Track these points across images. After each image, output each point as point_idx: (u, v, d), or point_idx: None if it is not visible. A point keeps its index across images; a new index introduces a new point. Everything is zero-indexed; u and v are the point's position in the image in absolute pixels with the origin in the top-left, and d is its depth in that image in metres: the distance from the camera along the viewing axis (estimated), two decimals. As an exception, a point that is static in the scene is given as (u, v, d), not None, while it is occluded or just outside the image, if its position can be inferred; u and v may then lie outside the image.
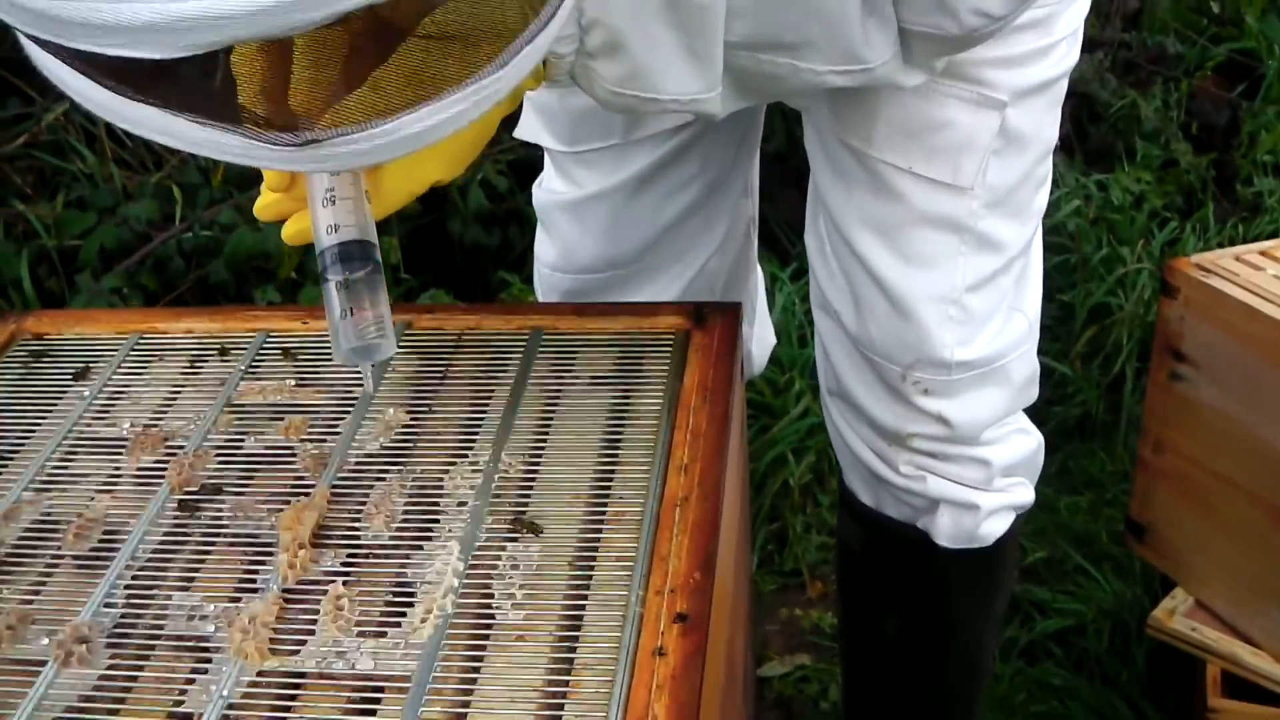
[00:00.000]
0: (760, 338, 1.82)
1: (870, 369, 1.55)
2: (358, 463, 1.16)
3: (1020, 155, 1.46)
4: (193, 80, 0.77)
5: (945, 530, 1.62)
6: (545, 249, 1.72)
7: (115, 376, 1.31)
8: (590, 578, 1.02)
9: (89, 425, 1.25)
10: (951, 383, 1.52)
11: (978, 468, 1.59)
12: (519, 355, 1.28)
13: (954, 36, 1.24)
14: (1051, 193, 2.91)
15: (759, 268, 1.82)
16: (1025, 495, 1.67)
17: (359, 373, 1.26)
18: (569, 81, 1.21)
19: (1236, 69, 3.55)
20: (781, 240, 2.91)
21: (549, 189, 1.68)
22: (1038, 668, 2.25)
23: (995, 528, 1.64)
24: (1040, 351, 2.58)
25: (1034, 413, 1.66)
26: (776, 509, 2.52)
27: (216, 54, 0.75)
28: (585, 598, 1.01)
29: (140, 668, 0.99)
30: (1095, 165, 3.29)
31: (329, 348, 1.29)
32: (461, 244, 2.84)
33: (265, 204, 1.21)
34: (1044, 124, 1.48)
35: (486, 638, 0.98)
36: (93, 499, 1.16)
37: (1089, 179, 3.16)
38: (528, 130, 1.64)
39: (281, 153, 0.79)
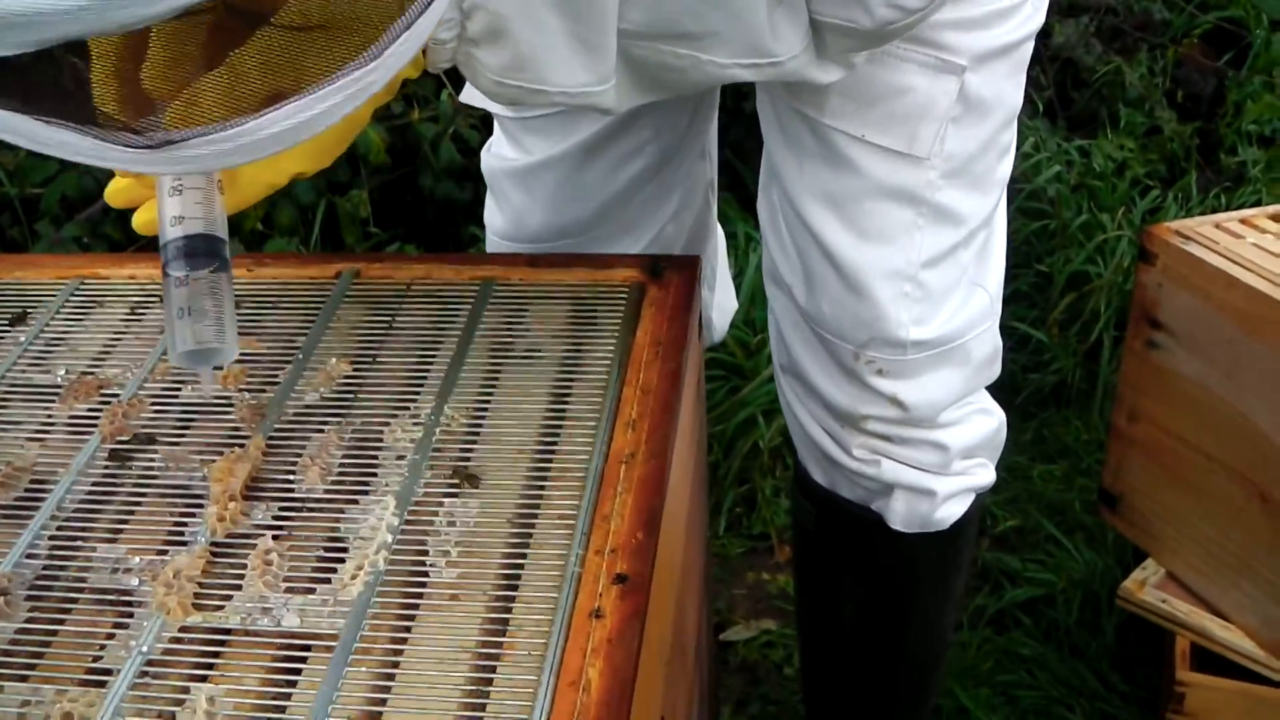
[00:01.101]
0: (720, 304, 1.77)
1: (823, 347, 1.50)
2: (296, 414, 1.13)
3: (981, 123, 1.39)
4: (35, 76, 0.71)
5: (899, 514, 1.58)
6: (494, 217, 1.67)
7: (53, 322, 1.27)
8: (530, 536, 0.99)
9: (23, 372, 1.21)
10: (907, 363, 1.46)
11: (934, 451, 1.54)
12: (469, 306, 1.24)
13: (866, 30, 1.18)
14: (1031, 157, 2.90)
15: (720, 231, 1.76)
16: (985, 476, 1.62)
17: (305, 322, 1.22)
18: (448, 68, 1.15)
19: (1223, 37, 3.51)
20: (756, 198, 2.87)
21: (497, 154, 1.62)
22: (1006, 637, 2.23)
23: (952, 511, 1.59)
24: (1017, 318, 2.56)
25: (1008, 379, 1.62)
26: (746, 471, 2.49)
27: (54, 50, 0.70)
28: (524, 556, 0.97)
29: (60, 621, 0.95)
30: (1078, 131, 3.26)
31: (274, 295, 1.26)
32: (433, 198, 2.79)
33: (116, 189, 1.16)
34: (1006, 89, 1.41)
35: (419, 596, 0.94)
36: (22, 447, 1.12)
37: (1071, 145, 3.12)
38: (473, 94, 1.57)
39: (135, 155, 0.73)
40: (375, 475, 1.05)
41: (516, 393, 1.13)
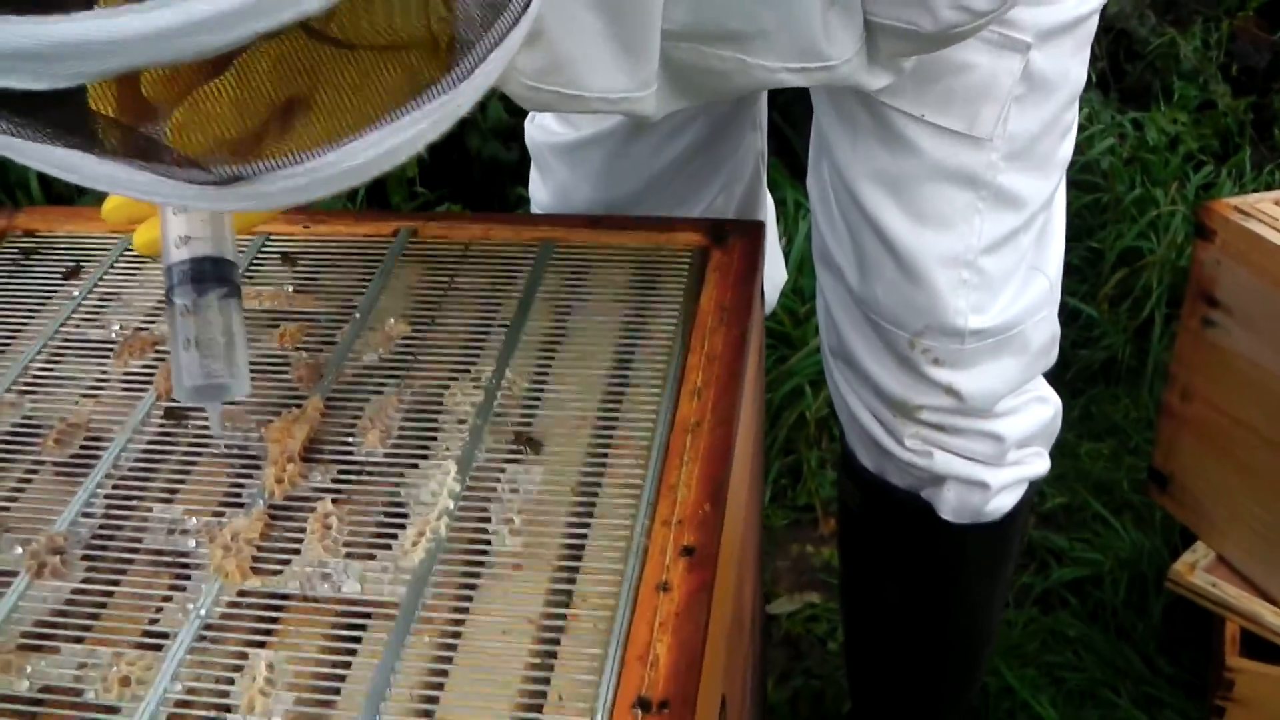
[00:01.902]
0: (770, 276, 1.69)
1: (876, 333, 1.45)
2: (354, 375, 1.10)
3: (1045, 102, 1.33)
4: (82, 105, 0.65)
5: (950, 505, 1.54)
6: (539, 190, 1.63)
7: (107, 277, 1.25)
8: (594, 505, 0.97)
9: (77, 327, 1.19)
10: (964, 352, 1.42)
11: (990, 442, 1.50)
12: (528, 268, 1.21)
13: (927, 33, 1.10)
14: (1085, 130, 2.86)
15: (770, 202, 1.73)
16: (1040, 466, 1.58)
17: (362, 281, 1.20)
18: None
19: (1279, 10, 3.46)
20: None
21: (542, 126, 1.57)
22: (1052, 616, 2.21)
23: (1004, 502, 1.56)
24: (1067, 293, 2.52)
25: (1058, 356, 1.58)
26: (792, 442, 2.47)
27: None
28: (588, 526, 0.95)
29: (116, 583, 0.93)
30: (1131, 104, 3.22)
31: (330, 253, 1.24)
32: (479, 158, 2.77)
33: (114, 205, 1.09)
34: (1071, 67, 1.35)
35: (481, 564, 0.92)
36: (77, 403, 1.10)
37: (1124, 117, 3.08)
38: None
39: (200, 191, 0.66)
40: (435, 439, 1.03)
41: (578, 357, 1.11)
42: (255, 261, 1.24)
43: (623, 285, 1.19)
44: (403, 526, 0.95)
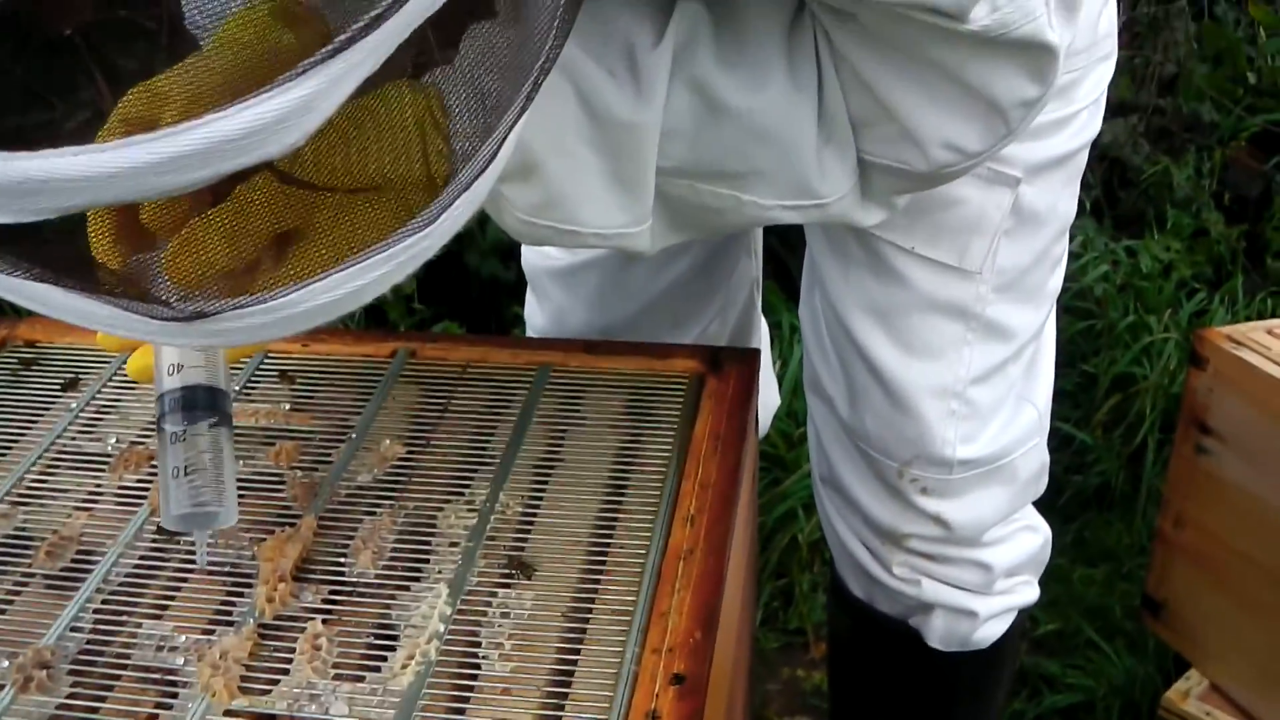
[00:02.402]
0: (764, 401, 1.69)
1: (865, 462, 1.46)
2: (348, 494, 1.11)
3: (1034, 235, 1.35)
4: (50, 239, 0.65)
5: (939, 633, 1.54)
6: (534, 314, 1.64)
7: (105, 390, 1.25)
8: (584, 631, 0.97)
9: (73, 439, 1.20)
10: (952, 482, 1.43)
11: (978, 571, 1.51)
12: (524, 391, 1.22)
13: (920, 172, 1.09)
14: (1078, 257, 2.88)
15: (764, 327, 1.74)
16: (1029, 594, 1.58)
17: (359, 401, 1.21)
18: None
19: (1271, 140, 3.49)
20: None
21: (539, 250, 1.59)
22: (1044, 744, 2.19)
23: (992, 631, 1.56)
24: (1061, 418, 2.53)
25: (1050, 480, 1.59)
26: (784, 565, 2.46)
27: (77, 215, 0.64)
28: (578, 652, 0.95)
29: (102, 698, 0.93)
30: (1124, 231, 3.24)
31: (328, 372, 1.25)
32: (478, 276, 2.79)
33: None
34: (1061, 199, 1.37)
35: (470, 689, 0.92)
36: (70, 516, 1.11)
37: (1118, 245, 3.11)
38: None
39: (162, 326, 0.66)
40: (428, 561, 1.03)
41: (572, 482, 1.12)
42: (253, 379, 1.25)
43: (618, 410, 1.20)
44: (393, 649, 0.95)
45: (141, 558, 1.06)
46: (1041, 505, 1.59)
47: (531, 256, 1.61)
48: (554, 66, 1.00)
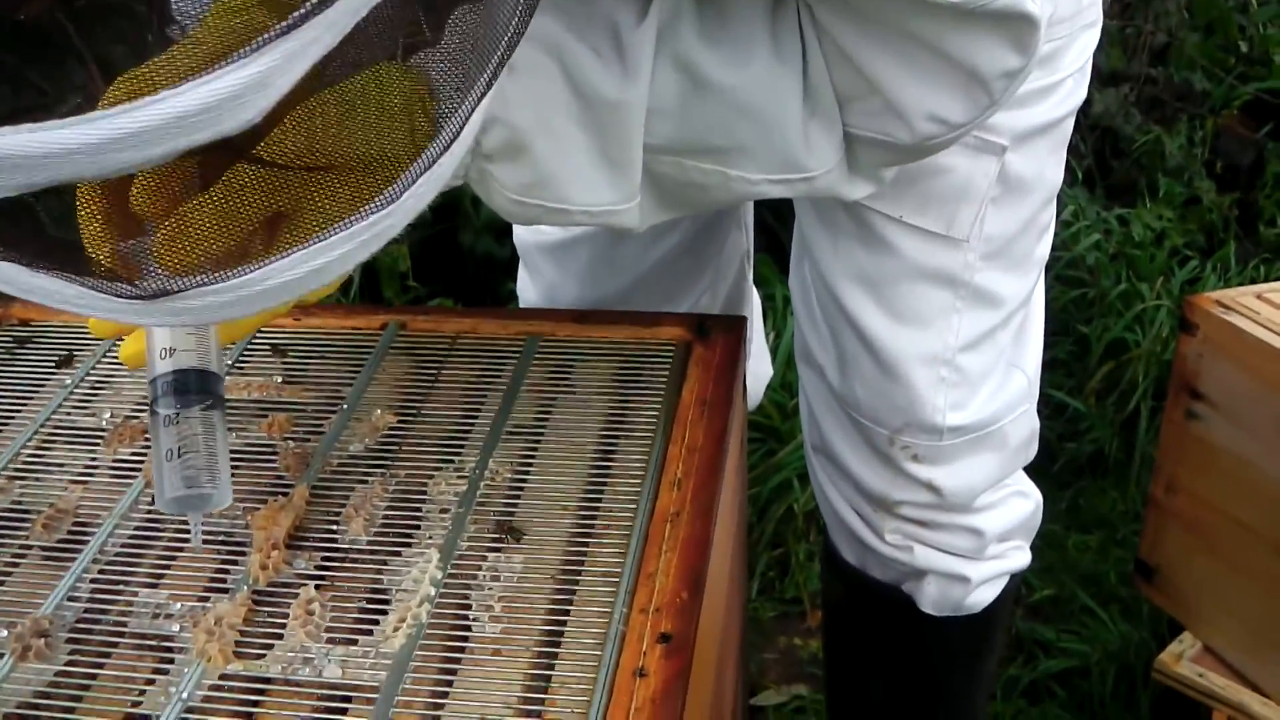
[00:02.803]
0: (755, 371, 1.72)
1: (856, 430, 1.47)
2: (340, 464, 1.12)
3: (1021, 202, 1.36)
4: (15, 218, 0.65)
5: (931, 598, 1.56)
6: (526, 289, 1.66)
7: (99, 366, 1.27)
8: (573, 593, 0.98)
9: (68, 414, 1.21)
10: (943, 448, 1.44)
11: (969, 537, 1.52)
12: (514, 361, 1.23)
13: (904, 145, 1.09)
14: (1071, 226, 2.89)
15: (756, 298, 1.75)
16: (1020, 559, 1.60)
17: (351, 372, 1.22)
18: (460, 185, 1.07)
19: (1263, 108, 3.50)
20: (795, 262, 2.88)
21: (532, 228, 1.60)
22: (1039, 708, 2.20)
23: (985, 595, 1.57)
24: (1054, 386, 2.54)
25: (1044, 448, 1.60)
26: (779, 535, 2.47)
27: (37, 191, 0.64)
28: (567, 613, 0.96)
29: (100, 665, 0.95)
30: (1117, 200, 3.25)
31: (319, 345, 1.26)
32: (473, 254, 2.80)
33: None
34: (1047, 167, 1.38)
35: (461, 650, 0.94)
36: (66, 489, 1.12)
37: (1110, 214, 3.12)
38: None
39: (126, 305, 0.66)
40: (419, 528, 1.05)
41: (561, 448, 1.13)
42: (246, 352, 1.27)
43: (606, 378, 1.21)
44: (384, 613, 0.97)
45: (137, 529, 1.07)
46: (1035, 472, 1.60)
47: (523, 232, 1.62)
48: (536, 45, 1.01)
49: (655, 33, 1.02)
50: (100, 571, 1.03)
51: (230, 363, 1.25)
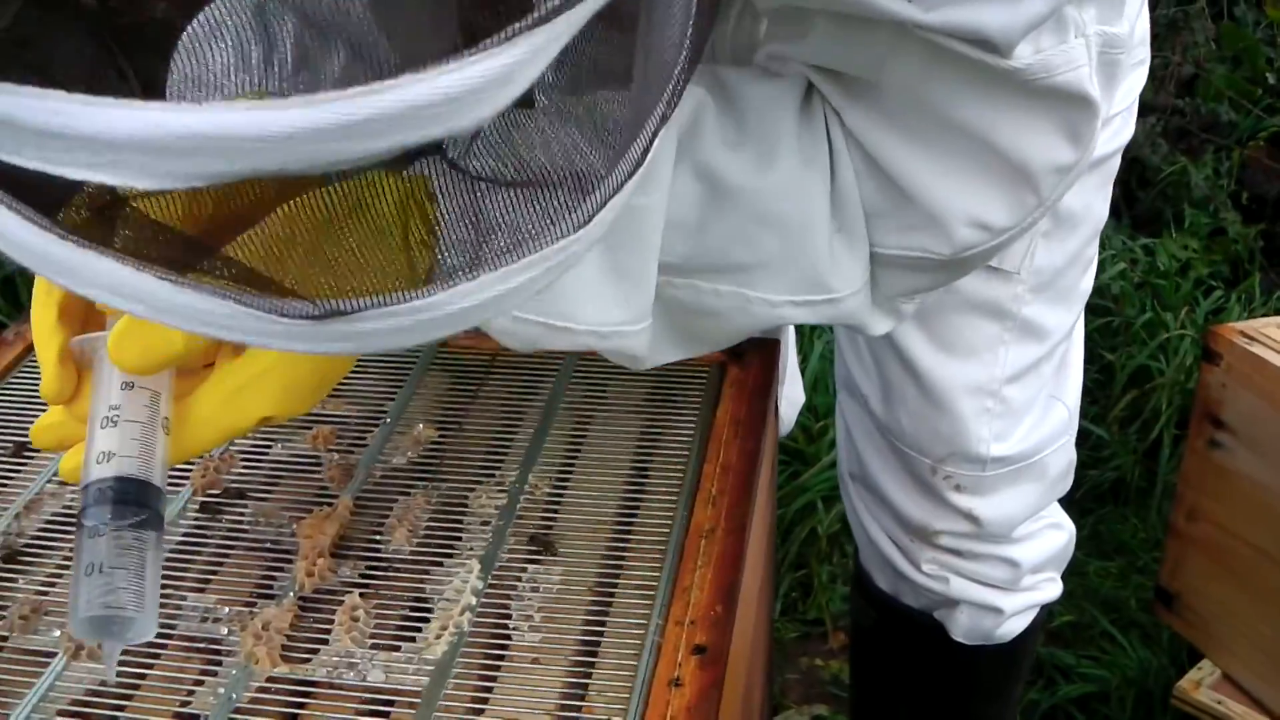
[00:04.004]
0: (789, 397, 1.74)
1: (898, 459, 1.49)
2: (383, 476, 1.15)
3: (1069, 236, 1.37)
4: (156, 220, 0.58)
5: (963, 627, 1.57)
6: None
7: (147, 377, 1.30)
8: (610, 604, 1.01)
9: (117, 423, 1.24)
10: (985, 479, 1.46)
11: (1005, 568, 1.54)
12: (552, 380, 1.26)
13: (940, 259, 1.01)
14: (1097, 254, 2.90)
15: (790, 325, 1.76)
16: (1053, 590, 1.62)
17: (393, 387, 1.25)
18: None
19: (1290, 141, 3.53)
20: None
21: None
22: (1059, 732, 2.23)
23: (1015, 626, 1.59)
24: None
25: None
26: (803, 557, 2.50)
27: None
28: (604, 624, 0.99)
29: (150, 666, 0.97)
30: (1142, 230, 3.27)
31: (361, 360, 1.29)
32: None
33: (43, 427, 0.92)
34: (1095, 202, 1.39)
35: (501, 658, 0.96)
36: (116, 496, 1.15)
37: (1136, 243, 3.14)
38: None
39: (290, 326, 0.58)
40: (460, 539, 1.07)
41: (598, 465, 1.16)
42: (290, 365, 1.29)
43: (642, 398, 1.24)
44: (427, 620, 0.99)
45: (185, 534, 1.10)
46: (1059, 499, 1.62)
47: None
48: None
49: (675, 139, 0.95)
50: (150, 576, 1.06)
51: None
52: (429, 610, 1.00)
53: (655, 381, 1.26)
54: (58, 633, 1.00)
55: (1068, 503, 1.61)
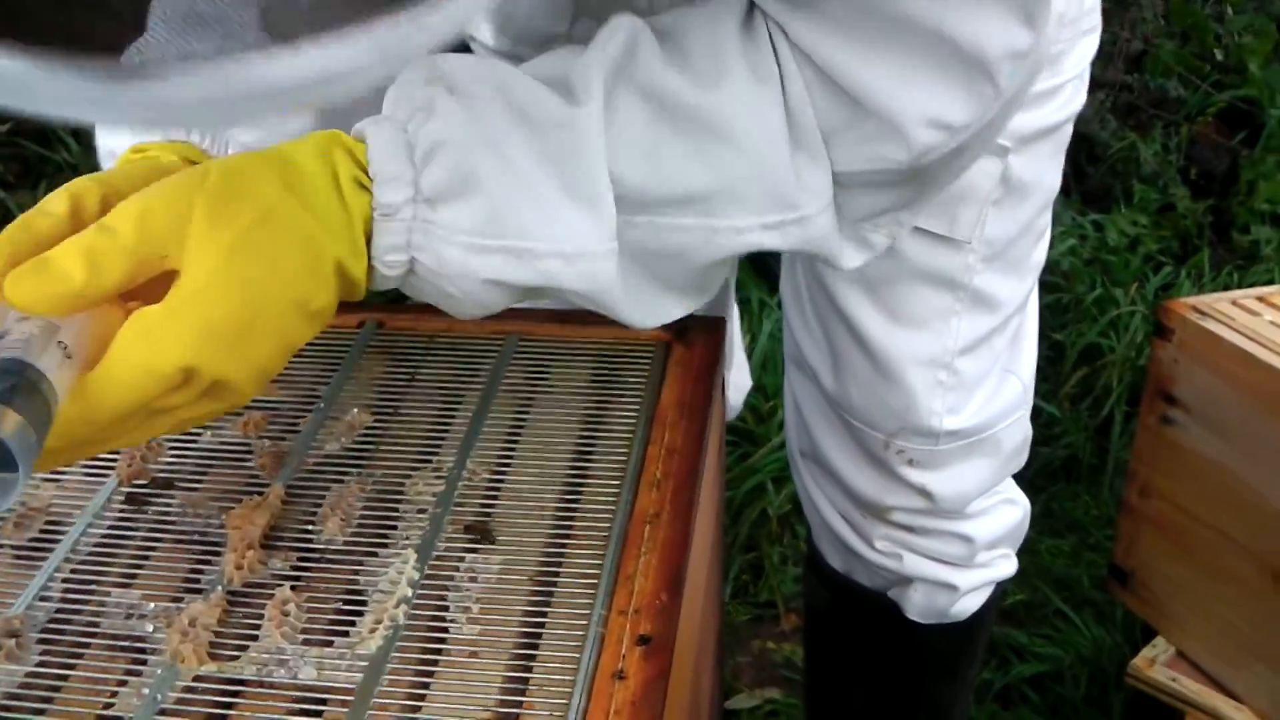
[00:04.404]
0: (736, 382, 1.71)
1: (849, 434, 1.46)
2: (316, 463, 1.11)
3: (1021, 205, 1.35)
4: None
5: (917, 606, 1.55)
6: None
7: (72, 363, 1.25)
8: (551, 594, 0.97)
9: (40, 412, 1.19)
10: (938, 453, 1.44)
11: (959, 544, 1.52)
12: (492, 360, 1.23)
13: (901, 166, 0.97)
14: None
15: (735, 310, 1.73)
16: (1008, 568, 1.59)
17: (327, 371, 1.21)
18: (401, 261, 0.90)
19: (1238, 116, 3.52)
20: (773, 266, 2.87)
21: None
22: (1012, 712, 2.21)
23: (970, 604, 1.57)
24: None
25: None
26: (753, 538, 2.47)
27: None
28: (545, 615, 0.95)
29: (72, 666, 0.93)
30: (1092, 206, 3.27)
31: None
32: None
33: None
34: (1047, 171, 1.37)
35: (439, 652, 0.93)
36: (38, 488, 1.10)
37: (1085, 219, 3.13)
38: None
39: (87, 85, 0.52)
40: (395, 528, 1.03)
41: (539, 449, 1.12)
42: (220, 350, 1.25)
43: (585, 379, 1.20)
44: (361, 614, 0.95)
45: (110, 527, 1.06)
46: (1014, 475, 1.60)
47: None
48: (474, 79, 0.88)
49: (602, 60, 0.92)
50: (72, 571, 1.01)
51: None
52: (363, 603, 0.97)
53: (599, 362, 1.22)
54: (-26, 632, 0.95)
55: (1018, 480, 1.59)
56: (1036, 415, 2.65)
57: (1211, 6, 3.75)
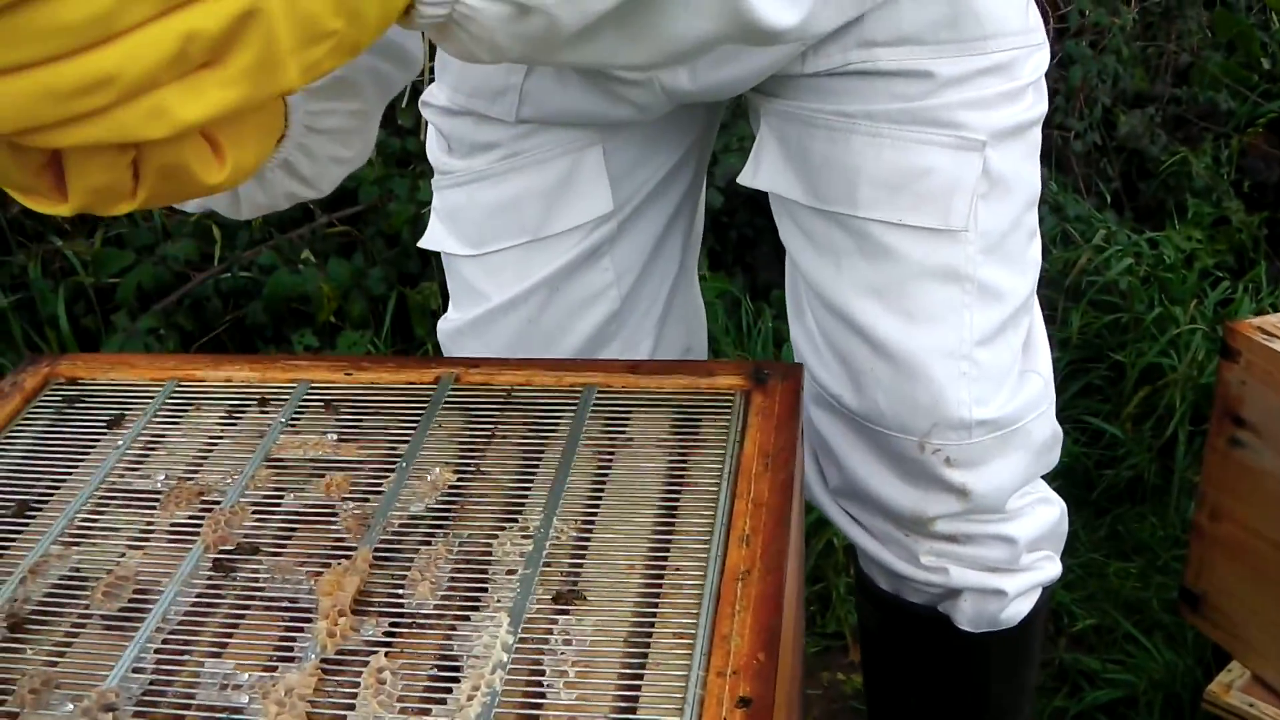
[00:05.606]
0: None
1: (882, 451, 1.49)
2: (401, 525, 1.11)
3: (1006, 199, 1.41)
4: None
5: (968, 616, 1.56)
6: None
7: (150, 425, 1.26)
8: (646, 655, 0.96)
9: (121, 476, 1.20)
10: (974, 446, 1.45)
11: (1003, 546, 1.53)
12: (570, 414, 1.22)
13: None
14: (1102, 250, 2.88)
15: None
16: (1052, 570, 1.61)
17: (406, 428, 1.21)
18: (447, 42, 0.86)
19: (1289, 126, 3.50)
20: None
21: (449, 318, 1.58)
22: (1087, 740, 2.19)
23: (1020, 609, 1.58)
24: (1090, 412, 2.53)
25: (1082, 474, 1.61)
26: (820, 569, 2.46)
27: None
28: (641, 677, 0.94)
29: (170, 740, 0.93)
30: (1145, 222, 3.25)
31: (373, 400, 1.25)
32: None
33: None
34: (1024, 171, 1.43)
35: (537, 718, 0.92)
36: (123, 555, 1.11)
37: (1140, 236, 3.10)
38: (433, 239, 1.54)
39: None
40: (486, 590, 1.03)
41: (624, 504, 1.12)
42: (298, 409, 1.25)
43: (665, 430, 1.20)
44: (457, 680, 0.95)
45: (199, 595, 1.06)
46: (1074, 500, 1.61)
47: (444, 326, 1.60)
48: None
49: None
50: (164, 641, 1.01)
51: (284, 420, 1.24)
52: (458, 669, 0.96)
53: (678, 412, 1.22)
54: (71, 706, 0.95)
55: (1083, 504, 1.60)
56: (1098, 437, 2.65)
57: (1256, 16, 3.72)
